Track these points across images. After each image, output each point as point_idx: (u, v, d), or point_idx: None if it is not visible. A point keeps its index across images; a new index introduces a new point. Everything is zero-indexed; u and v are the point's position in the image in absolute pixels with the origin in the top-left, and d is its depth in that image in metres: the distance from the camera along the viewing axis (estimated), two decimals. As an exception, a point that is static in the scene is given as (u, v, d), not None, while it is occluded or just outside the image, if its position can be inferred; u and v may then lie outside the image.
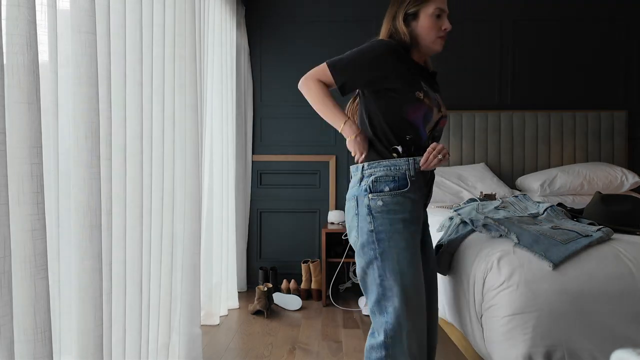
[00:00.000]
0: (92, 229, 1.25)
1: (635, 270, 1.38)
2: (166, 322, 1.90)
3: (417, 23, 1.44)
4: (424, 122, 1.42)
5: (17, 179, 0.98)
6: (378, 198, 1.36)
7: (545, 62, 3.60)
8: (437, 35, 1.44)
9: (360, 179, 1.42)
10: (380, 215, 1.35)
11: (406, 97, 1.38)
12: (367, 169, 1.41)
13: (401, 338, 1.32)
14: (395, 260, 1.33)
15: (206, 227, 2.81)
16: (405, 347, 1.31)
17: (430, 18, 1.42)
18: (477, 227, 1.75)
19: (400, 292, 1.32)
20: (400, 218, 1.35)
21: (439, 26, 1.43)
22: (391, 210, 1.35)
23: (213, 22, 2.82)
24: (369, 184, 1.38)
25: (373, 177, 1.38)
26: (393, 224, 1.35)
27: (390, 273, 1.33)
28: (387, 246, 1.34)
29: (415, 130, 1.42)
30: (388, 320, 1.33)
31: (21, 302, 0.98)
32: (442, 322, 1.99)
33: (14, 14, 0.96)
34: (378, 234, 1.35)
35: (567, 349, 1.32)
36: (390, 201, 1.36)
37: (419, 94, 1.39)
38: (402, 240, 1.34)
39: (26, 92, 0.98)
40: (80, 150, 1.23)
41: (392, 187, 1.37)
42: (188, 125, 2.08)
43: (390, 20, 1.48)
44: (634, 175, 3.14)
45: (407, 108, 1.39)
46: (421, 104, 1.39)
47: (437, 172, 3.32)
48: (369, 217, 1.36)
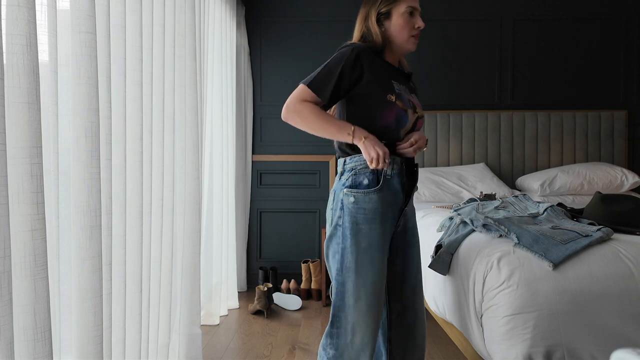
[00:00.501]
0: (92, 229, 1.25)
1: (635, 270, 1.38)
2: (166, 322, 1.90)
3: (390, 22, 1.43)
4: (398, 125, 1.39)
5: (17, 178, 0.98)
6: (351, 194, 1.36)
7: (545, 62, 3.60)
8: (410, 34, 1.43)
9: (341, 173, 1.42)
10: (349, 212, 1.36)
11: (377, 101, 1.36)
12: (348, 162, 1.41)
13: (346, 330, 1.35)
14: (354, 259, 1.34)
15: (206, 227, 2.81)
16: (347, 339, 1.35)
17: (403, 17, 1.42)
18: (477, 227, 1.75)
19: (353, 289, 1.34)
20: (369, 218, 1.35)
21: (412, 24, 1.43)
22: (361, 208, 1.35)
23: (213, 22, 2.83)
24: (348, 178, 1.38)
25: (354, 170, 1.38)
26: (359, 223, 1.35)
27: (346, 269, 1.35)
28: (349, 243, 1.35)
29: (390, 135, 1.39)
30: (337, 313, 1.38)
31: (21, 302, 0.98)
32: (442, 322, 1.99)
33: (14, 14, 0.96)
34: (344, 229, 1.36)
35: (567, 348, 1.32)
36: (362, 199, 1.35)
37: (391, 97, 1.36)
38: (364, 240, 1.35)
39: (26, 92, 0.98)
40: (80, 150, 1.23)
41: (371, 179, 1.36)
42: (188, 125, 2.08)
43: (362, 21, 1.46)
44: (634, 175, 3.14)
45: (379, 113, 1.37)
46: (393, 107, 1.36)
47: (437, 172, 3.32)
48: (340, 211, 1.37)
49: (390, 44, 1.46)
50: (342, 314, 1.36)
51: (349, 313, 1.35)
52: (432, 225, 2.20)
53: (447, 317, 1.84)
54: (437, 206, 2.81)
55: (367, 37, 1.45)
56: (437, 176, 3.26)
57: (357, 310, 1.34)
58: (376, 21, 1.43)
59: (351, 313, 1.35)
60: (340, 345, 1.36)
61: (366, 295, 1.34)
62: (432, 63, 3.62)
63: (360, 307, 1.34)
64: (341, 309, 1.37)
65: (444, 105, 3.62)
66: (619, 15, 3.58)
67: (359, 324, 1.34)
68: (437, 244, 1.87)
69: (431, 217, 2.34)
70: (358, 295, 1.34)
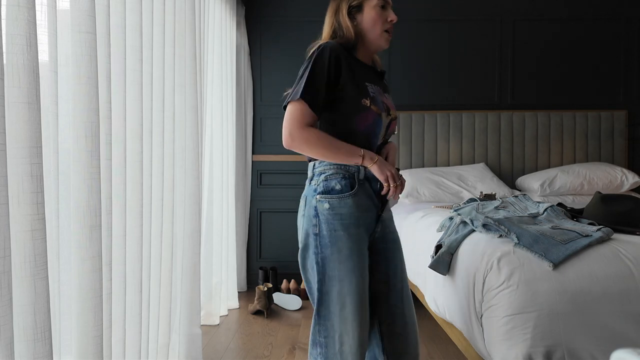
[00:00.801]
0: (92, 229, 1.25)
1: (635, 270, 1.38)
2: (166, 322, 1.90)
3: (362, 16, 1.38)
4: (373, 131, 1.35)
5: (17, 179, 0.98)
6: (325, 201, 1.30)
7: (545, 61, 3.60)
8: (382, 28, 1.38)
9: (311, 178, 1.37)
10: (325, 219, 1.30)
11: (352, 106, 1.31)
12: (317, 167, 1.35)
13: (333, 340, 1.31)
14: (336, 267, 1.29)
15: (206, 227, 2.81)
16: (336, 349, 1.31)
17: (375, 9, 1.36)
18: (477, 227, 1.75)
19: (337, 298, 1.30)
20: (346, 224, 1.29)
21: (384, 18, 1.37)
22: (337, 214, 1.29)
23: (213, 22, 2.83)
24: (319, 184, 1.33)
25: (324, 175, 1.32)
26: (337, 230, 1.29)
27: (329, 278, 1.30)
28: (329, 252, 1.29)
29: (366, 139, 1.35)
30: (322, 322, 1.32)
31: (21, 302, 0.98)
32: (442, 322, 1.99)
33: (14, 14, 0.96)
34: (322, 238, 1.30)
35: (567, 348, 1.32)
36: (337, 205, 1.30)
37: (365, 102, 1.31)
38: (345, 247, 1.29)
39: (26, 92, 0.98)
40: (80, 150, 1.23)
41: (343, 185, 1.30)
42: (188, 125, 2.08)
43: (332, 15, 1.40)
44: (634, 175, 3.14)
45: (354, 118, 1.32)
46: (368, 112, 1.32)
47: (437, 172, 3.32)
48: (315, 219, 1.31)
49: (363, 39, 1.40)
50: (328, 323, 1.31)
51: (335, 322, 1.31)
52: (432, 225, 2.20)
53: (447, 317, 1.84)
54: (437, 206, 2.81)
55: (338, 32, 1.39)
56: (437, 176, 3.26)
57: (344, 319, 1.30)
58: (347, 14, 1.37)
59: (337, 322, 1.30)
60: (329, 355, 1.32)
61: (351, 303, 1.29)
62: (432, 63, 3.62)
63: (346, 315, 1.30)
64: (327, 319, 1.32)
65: (444, 105, 3.62)
66: (619, 15, 3.58)
67: (346, 332, 1.30)
68: (437, 244, 1.87)
69: (431, 217, 2.34)
70: (343, 303, 1.29)
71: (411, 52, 3.63)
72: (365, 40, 1.40)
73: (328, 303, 1.31)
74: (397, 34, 3.62)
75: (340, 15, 1.38)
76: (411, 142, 3.55)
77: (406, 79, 3.64)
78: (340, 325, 1.30)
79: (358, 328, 1.31)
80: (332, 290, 1.30)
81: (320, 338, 1.33)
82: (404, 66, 3.63)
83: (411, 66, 3.64)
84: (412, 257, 2.33)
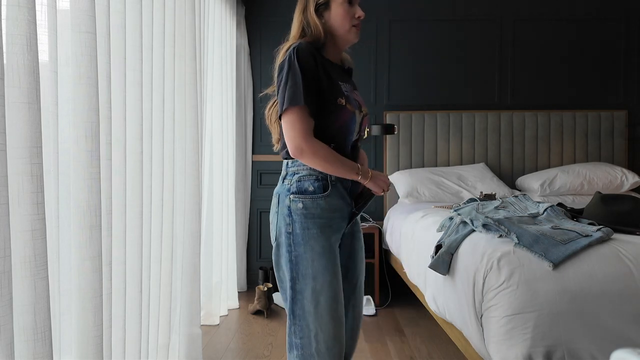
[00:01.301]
0: (92, 229, 1.25)
1: (635, 270, 1.38)
2: (166, 322, 1.90)
3: (330, 13, 1.38)
4: (349, 128, 1.37)
5: (17, 179, 0.98)
6: (299, 200, 1.32)
7: (545, 62, 3.60)
8: (351, 23, 1.39)
9: (284, 177, 1.39)
10: (299, 219, 1.31)
11: (329, 106, 1.33)
12: (291, 166, 1.37)
13: (309, 340, 1.31)
14: (309, 265, 1.30)
15: (206, 227, 2.81)
16: (313, 349, 1.31)
17: (342, 6, 1.37)
18: (477, 227, 1.75)
19: (311, 296, 1.30)
20: (319, 223, 1.31)
21: (352, 14, 1.38)
22: (310, 214, 1.31)
23: (213, 22, 2.83)
24: (292, 184, 1.35)
25: (297, 175, 1.35)
26: (311, 228, 1.31)
27: (302, 276, 1.31)
28: (302, 250, 1.31)
29: (342, 136, 1.37)
30: (297, 323, 1.33)
31: (21, 302, 0.98)
32: (442, 322, 1.99)
33: (14, 14, 0.96)
34: (295, 237, 1.32)
35: (567, 348, 1.32)
36: (311, 205, 1.32)
37: (341, 101, 1.33)
38: (318, 245, 1.31)
39: (26, 92, 0.98)
40: (80, 150, 1.23)
41: (316, 186, 1.32)
42: (188, 125, 2.08)
43: (300, 14, 1.41)
44: (634, 175, 3.15)
45: (331, 117, 1.34)
46: (344, 111, 1.34)
47: (437, 172, 3.32)
48: (289, 218, 1.33)
49: (333, 36, 1.41)
50: (303, 323, 1.31)
51: (309, 321, 1.31)
52: (432, 225, 2.20)
53: (447, 317, 1.84)
54: (437, 206, 2.81)
55: (307, 30, 1.39)
56: (437, 176, 3.26)
57: (318, 316, 1.30)
58: (315, 12, 1.38)
59: (312, 320, 1.30)
60: (305, 355, 1.31)
61: (325, 300, 1.30)
62: (432, 63, 3.62)
63: (320, 313, 1.30)
64: (302, 318, 1.32)
65: (444, 105, 3.62)
66: (619, 15, 3.58)
67: (321, 330, 1.30)
68: (437, 244, 1.87)
69: (431, 217, 2.34)
70: (317, 301, 1.30)
71: (411, 52, 3.63)
72: (334, 37, 1.41)
73: (302, 302, 1.31)
74: (397, 34, 3.63)
75: (308, 14, 1.39)
76: (411, 142, 3.55)
77: (406, 79, 3.64)
78: (315, 324, 1.30)
79: (333, 325, 1.31)
80: (305, 289, 1.31)
81: (296, 339, 1.33)
82: (404, 66, 3.63)
83: (411, 66, 3.64)
84: (412, 257, 2.33)
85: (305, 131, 1.29)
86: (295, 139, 1.28)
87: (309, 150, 1.28)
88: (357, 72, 3.62)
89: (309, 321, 1.31)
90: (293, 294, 1.33)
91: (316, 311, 1.30)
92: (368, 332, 2.72)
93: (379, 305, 3.20)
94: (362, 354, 2.38)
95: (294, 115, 1.28)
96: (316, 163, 1.31)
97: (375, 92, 3.65)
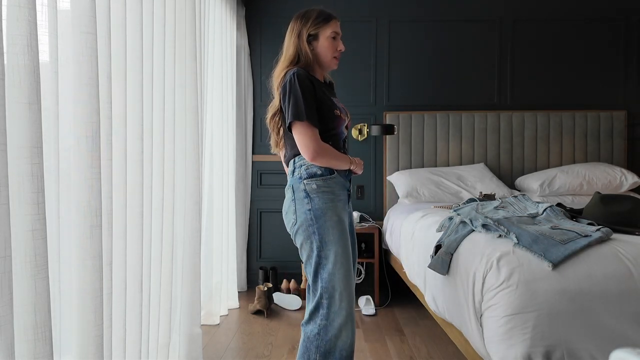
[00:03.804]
0: (92, 229, 1.25)
1: (634, 270, 1.39)
2: (166, 322, 1.91)
3: (317, 43, 1.68)
4: (343, 131, 1.70)
5: (18, 179, 0.98)
6: (313, 182, 1.57)
7: (545, 62, 3.61)
8: (332, 54, 1.69)
9: (293, 170, 1.64)
10: (316, 196, 1.56)
11: (329, 117, 1.62)
12: (298, 161, 1.63)
13: (335, 299, 1.53)
14: (330, 233, 1.55)
15: (206, 227, 2.82)
16: (337, 306, 1.53)
17: (328, 40, 1.67)
18: (476, 227, 1.75)
19: (334, 259, 1.53)
20: (331, 198, 1.58)
21: (334, 47, 1.68)
22: (324, 191, 1.57)
23: (213, 22, 2.83)
24: (302, 172, 1.60)
25: (305, 164, 1.60)
26: (327, 202, 1.57)
27: (326, 243, 1.54)
28: (323, 221, 1.55)
29: (339, 138, 1.68)
30: (323, 285, 1.54)
31: (21, 302, 0.99)
32: (442, 322, 1.99)
33: (15, 15, 0.96)
34: (315, 211, 1.56)
35: (567, 348, 1.33)
36: (323, 184, 1.58)
37: (337, 112, 1.64)
38: (334, 215, 1.57)
39: (27, 92, 0.98)
40: (80, 150, 1.24)
41: (323, 170, 1.59)
42: (188, 125, 2.09)
43: (296, 37, 1.67)
44: (633, 176, 3.15)
45: (330, 125, 1.63)
46: (339, 120, 1.65)
47: (437, 172, 3.32)
48: (307, 199, 1.57)
49: (318, 61, 1.70)
50: (329, 285, 1.53)
51: (335, 282, 1.53)
52: (432, 225, 2.20)
53: (446, 317, 1.84)
54: (437, 206, 2.81)
55: (300, 56, 1.66)
56: (436, 176, 3.27)
57: (341, 277, 1.54)
58: (306, 40, 1.66)
59: (337, 281, 1.53)
60: (330, 313, 1.53)
61: (345, 263, 1.55)
62: (432, 63, 3.62)
63: (343, 274, 1.54)
64: (328, 281, 1.53)
65: (444, 105, 3.62)
66: (619, 15, 3.59)
67: (344, 288, 1.54)
68: (437, 244, 1.87)
69: (431, 217, 2.34)
70: (340, 263, 1.54)
71: (411, 52, 3.63)
72: (320, 62, 1.71)
73: (328, 266, 1.54)
74: (397, 34, 3.63)
75: (301, 41, 1.67)
76: (411, 142, 3.55)
77: (406, 79, 3.64)
78: (339, 284, 1.53)
79: (351, 284, 1.57)
80: (330, 254, 1.54)
81: (323, 300, 1.54)
82: (404, 66, 3.64)
83: (411, 66, 3.64)
84: (412, 257, 2.33)
85: (317, 138, 1.57)
86: (310, 145, 1.56)
87: (321, 152, 1.57)
88: (357, 73, 3.63)
89: (335, 282, 1.53)
90: (319, 260, 1.55)
91: (340, 273, 1.54)
92: (368, 331, 2.73)
93: (378, 305, 3.20)
94: (362, 353, 2.39)
95: (303, 127, 1.55)
96: (326, 161, 1.59)
97: (375, 92, 3.65)
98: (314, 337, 1.55)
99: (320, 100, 1.60)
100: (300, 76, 1.57)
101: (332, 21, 1.68)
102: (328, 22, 1.66)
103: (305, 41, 1.66)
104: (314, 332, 1.55)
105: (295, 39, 1.68)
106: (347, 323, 1.55)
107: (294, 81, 1.56)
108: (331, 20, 1.67)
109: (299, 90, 1.55)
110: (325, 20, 1.66)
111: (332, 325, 1.54)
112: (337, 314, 1.53)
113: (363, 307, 3.10)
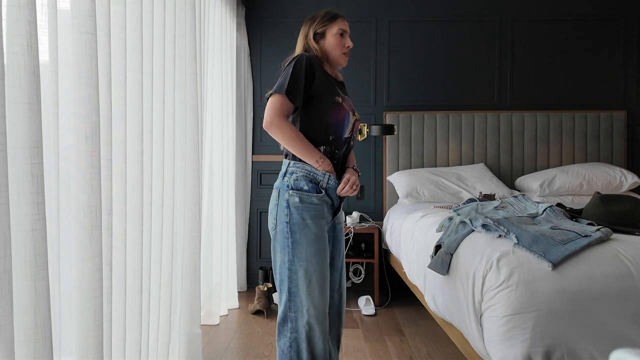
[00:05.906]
0: (92, 229, 1.25)
1: (634, 270, 1.39)
2: (166, 322, 1.90)
3: (325, 41, 1.70)
4: (344, 124, 1.64)
5: (18, 178, 0.98)
6: (296, 195, 1.56)
7: (545, 62, 3.61)
8: (341, 51, 1.70)
9: (284, 174, 1.62)
10: (296, 211, 1.56)
11: (327, 101, 1.59)
12: (291, 166, 1.61)
13: (302, 314, 1.55)
14: (303, 250, 1.55)
15: (206, 227, 2.82)
16: (305, 320, 1.55)
17: (335, 37, 1.68)
18: (476, 227, 1.75)
19: (304, 275, 1.54)
20: (312, 215, 1.56)
21: (342, 44, 1.69)
22: (305, 207, 1.56)
23: (213, 22, 2.83)
24: (290, 182, 1.58)
25: (295, 175, 1.59)
26: (306, 219, 1.55)
27: (297, 259, 1.55)
28: (298, 236, 1.55)
29: (337, 131, 1.63)
30: (292, 299, 1.56)
31: (21, 302, 0.99)
32: (442, 322, 1.99)
33: (15, 15, 0.96)
34: (292, 225, 1.55)
35: (566, 348, 1.33)
36: (306, 199, 1.56)
37: (338, 99, 1.60)
38: (311, 233, 1.55)
39: (27, 92, 0.98)
40: (80, 150, 1.24)
41: (310, 187, 1.57)
42: (188, 125, 2.09)
43: (303, 38, 1.72)
44: (633, 176, 3.15)
45: (328, 112, 1.60)
46: (340, 108, 1.61)
47: (437, 172, 3.32)
48: (287, 210, 1.56)
49: (328, 58, 1.71)
50: (297, 299, 1.55)
51: (303, 297, 1.55)
52: (432, 225, 2.20)
53: (446, 317, 1.84)
54: (437, 206, 2.81)
55: (309, 51, 1.69)
56: (436, 176, 3.27)
57: (310, 294, 1.54)
58: (313, 38, 1.69)
59: (305, 297, 1.54)
60: (299, 327, 1.56)
61: (316, 280, 1.55)
62: (431, 63, 3.63)
63: (312, 291, 1.55)
64: (296, 295, 1.55)
65: (443, 106, 3.62)
66: (618, 15, 3.59)
67: (312, 305, 1.55)
68: (437, 244, 1.87)
69: (431, 217, 2.34)
70: (310, 280, 1.54)
71: (411, 52, 3.63)
72: (329, 59, 1.72)
73: (297, 281, 1.55)
74: (397, 34, 3.63)
75: (308, 40, 1.70)
76: (411, 143, 3.55)
77: (406, 79, 3.64)
78: (307, 300, 1.55)
79: (322, 301, 1.58)
80: (299, 270, 1.55)
81: (291, 313, 1.57)
82: (404, 66, 3.64)
83: (411, 66, 3.64)
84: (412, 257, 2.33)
85: (280, 111, 1.54)
86: (269, 115, 1.54)
87: (277, 124, 1.54)
88: (357, 73, 3.63)
89: (302, 298, 1.55)
90: (289, 274, 1.56)
91: (308, 289, 1.55)
92: (368, 331, 2.73)
93: (378, 305, 3.20)
94: (362, 353, 2.39)
95: (275, 99, 1.54)
96: (280, 138, 1.56)
97: (375, 92, 3.65)
98: (287, 350, 1.58)
99: (320, 82, 1.59)
100: (302, 56, 1.58)
101: (339, 19, 1.70)
102: (334, 20, 1.69)
103: (312, 39, 1.69)
104: (286, 346, 1.58)
105: (303, 38, 1.72)
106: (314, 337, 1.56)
107: (294, 59, 1.58)
108: (338, 19, 1.69)
109: (294, 70, 1.55)
110: (332, 19, 1.69)
111: (301, 337, 1.56)
112: (304, 328, 1.55)
113: (363, 307, 3.10)
